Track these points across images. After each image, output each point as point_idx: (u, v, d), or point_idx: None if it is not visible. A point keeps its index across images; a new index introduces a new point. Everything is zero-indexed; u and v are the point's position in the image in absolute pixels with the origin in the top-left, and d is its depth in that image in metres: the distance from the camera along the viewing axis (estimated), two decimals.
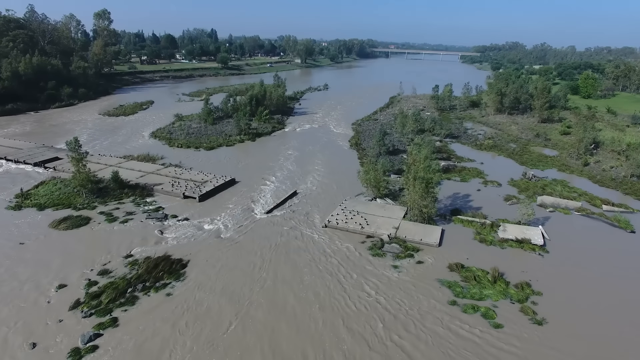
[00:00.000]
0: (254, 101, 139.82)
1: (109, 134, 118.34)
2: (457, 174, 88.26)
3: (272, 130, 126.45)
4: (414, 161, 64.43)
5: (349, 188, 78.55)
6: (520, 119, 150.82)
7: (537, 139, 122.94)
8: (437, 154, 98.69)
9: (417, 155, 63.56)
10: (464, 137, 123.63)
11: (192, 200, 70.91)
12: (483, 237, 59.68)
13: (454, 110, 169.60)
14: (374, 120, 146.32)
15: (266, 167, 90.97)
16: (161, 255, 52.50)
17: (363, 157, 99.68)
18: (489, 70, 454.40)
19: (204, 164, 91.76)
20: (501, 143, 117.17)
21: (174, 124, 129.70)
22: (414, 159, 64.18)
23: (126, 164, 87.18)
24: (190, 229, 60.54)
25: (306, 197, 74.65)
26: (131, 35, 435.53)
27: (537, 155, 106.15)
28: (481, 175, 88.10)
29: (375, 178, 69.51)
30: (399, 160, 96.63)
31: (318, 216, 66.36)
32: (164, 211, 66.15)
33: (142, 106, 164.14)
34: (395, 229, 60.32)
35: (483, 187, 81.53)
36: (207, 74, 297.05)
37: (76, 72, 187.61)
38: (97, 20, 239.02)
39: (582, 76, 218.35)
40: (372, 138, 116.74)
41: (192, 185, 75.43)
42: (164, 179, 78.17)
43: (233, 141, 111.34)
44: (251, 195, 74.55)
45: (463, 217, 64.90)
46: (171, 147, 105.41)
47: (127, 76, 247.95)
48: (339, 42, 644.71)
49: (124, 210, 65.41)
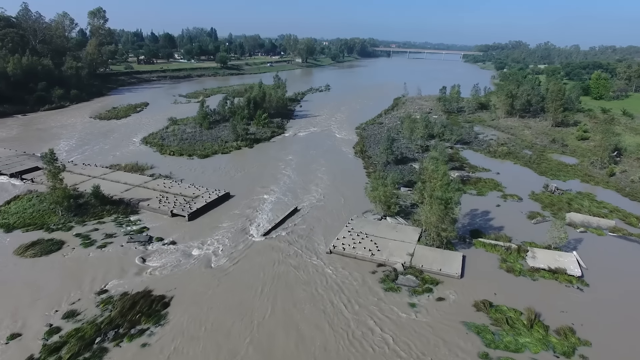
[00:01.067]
0: (252, 104, 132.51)
1: (98, 139, 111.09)
2: (473, 186, 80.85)
3: (271, 135, 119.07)
4: (430, 178, 57.09)
5: (355, 203, 71.22)
6: (532, 123, 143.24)
7: (554, 145, 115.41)
8: (449, 163, 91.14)
9: (435, 171, 56.12)
10: (476, 143, 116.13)
11: (181, 218, 63.60)
12: (510, 265, 52.30)
13: (462, 112, 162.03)
14: (379, 124, 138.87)
15: (264, 178, 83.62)
16: (141, 290, 45.20)
17: (369, 166, 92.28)
18: (492, 70, 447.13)
19: (197, 174, 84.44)
20: (516, 150, 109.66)
21: (167, 129, 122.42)
22: (431, 176, 56.82)
23: (112, 175, 79.88)
24: (176, 255, 53.23)
25: (308, 214, 67.28)
26: (129, 34, 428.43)
27: (555, 163, 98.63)
28: (499, 188, 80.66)
29: (385, 194, 62.07)
30: (408, 170, 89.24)
31: (322, 239, 59.03)
32: (149, 232, 58.85)
33: (136, 108, 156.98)
34: (410, 255, 52.97)
35: (502, 202, 74.09)
36: (206, 74, 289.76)
37: (68, 73, 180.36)
38: (92, 19, 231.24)
39: (593, 76, 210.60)
40: (377, 144, 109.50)
41: (181, 201, 68.10)
42: (151, 193, 70.85)
43: (229, 148, 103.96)
44: (247, 212, 67.22)
45: (485, 240, 57.53)
46: (163, 154, 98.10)
47: (123, 76, 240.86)
48: (340, 41, 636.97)
49: (103, 232, 58.10)
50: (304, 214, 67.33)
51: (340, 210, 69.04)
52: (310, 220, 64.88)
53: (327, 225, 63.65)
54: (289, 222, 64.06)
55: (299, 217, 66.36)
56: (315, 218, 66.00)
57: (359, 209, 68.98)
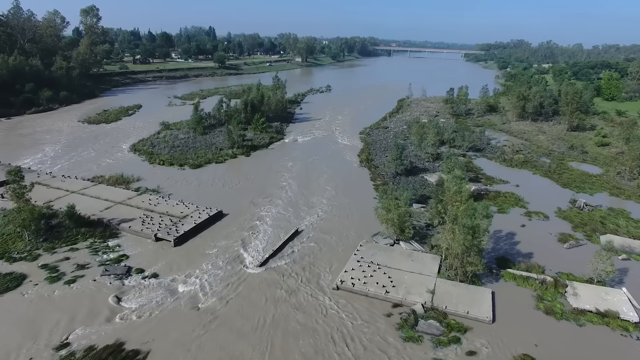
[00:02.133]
0: (249, 107, 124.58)
1: (84, 145, 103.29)
2: (492, 201, 73.03)
3: (269, 141, 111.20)
4: (451, 200, 49.40)
5: (364, 223, 63.56)
6: (546, 127, 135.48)
7: (572, 152, 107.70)
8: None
9: (458, 193, 48.39)
10: (489, 150, 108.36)
11: (166, 243, 55.86)
12: (549, 305, 44.59)
13: (470, 115, 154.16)
14: (384, 128, 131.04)
15: (262, 192, 75.85)
16: (111, 343, 37.51)
17: (376, 177, 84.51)
18: (495, 69, 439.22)
19: (187, 188, 76.68)
20: (532, 157, 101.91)
21: (159, 134, 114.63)
22: (453, 198, 49.11)
23: (92, 189, 72.07)
24: (158, 292, 45.50)
25: (311, 237, 59.54)
26: (126, 33, 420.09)
27: (578, 173, 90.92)
28: (521, 204, 72.94)
29: (400, 217, 54.32)
30: (419, 182, 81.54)
31: (327, 269, 51.35)
32: (128, 262, 51.11)
33: (128, 111, 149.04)
34: (431, 293, 45.25)
35: (527, 221, 66.33)
36: (203, 74, 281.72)
37: (58, 74, 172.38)
38: (84, 17, 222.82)
39: (604, 76, 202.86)
40: (384, 151, 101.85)
41: (167, 221, 60.32)
42: (134, 212, 63.06)
43: (224, 156, 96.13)
44: (241, 234, 59.46)
45: (515, 272, 49.82)
46: (152, 164, 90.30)
47: (118, 77, 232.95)
48: (340, 40, 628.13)
49: (74, 262, 50.34)
50: (306, 237, 59.62)
51: (347, 232, 61.37)
52: (314, 245, 57.15)
53: (333, 250, 56.01)
54: (289, 247, 56.35)
55: (301, 240, 58.66)
56: (319, 242, 58.28)
57: (367, 230, 61.33)
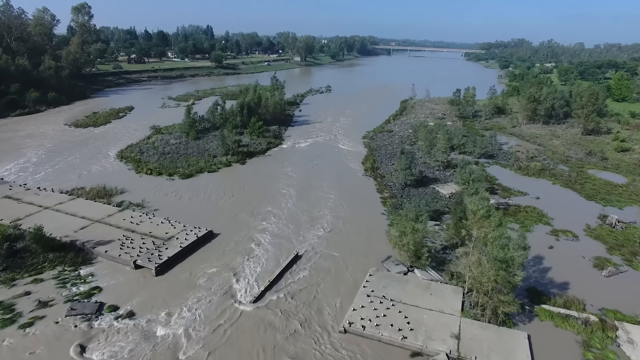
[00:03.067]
0: (245, 110, 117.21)
1: (67, 152, 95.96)
2: (513, 217, 66.02)
3: (267, 147, 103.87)
4: (477, 223, 42.26)
5: (371, 245, 56.51)
6: (559, 130, 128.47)
7: (591, 159, 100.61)
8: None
9: (486, 218, 41.22)
10: (501, 156, 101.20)
11: (147, 272, 48.66)
12: (599, 355, 37.46)
13: (477, 118, 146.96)
14: (388, 132, 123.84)
15: (257, 206, 68.64)
16: None
17: (383, 189, 77.28)
18: (497, 69, 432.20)
19: (175, 202, 69.41)
20: (549, 165, 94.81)
21: (149, 139, 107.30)
22: (479, 222, 41.96)
23: (69, 204, 64.75)
24: (132, 337, 38.30)
25: (313, 264, 52.37)
26: (122, 32, 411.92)
27: (601, 183, 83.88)
28: (545, 220, 65.88)
29: (415, 242, 47.15)
30: (430, 194, 74.38)
31: (332, 304, 44.21)
32: (100, 296, 43.91)
33: (119, 113, 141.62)
34: (456, 338, 38.14)
35: (554, 241, 59.30)
36: (200, 73, 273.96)
37: (47, 74, 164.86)
38: (76, 15, 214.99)
39: (615, 76, 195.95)
40: (390, 158, 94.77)
41: (150, 244, 53.10)
42: (113, 233, 55.81)
43: (218, 164, 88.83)
44: (233, 260, 52.27)
45: (552, 309, 42.77)
46: (138, 173, 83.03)
47: (111, 77, 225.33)
48: (340, 39, 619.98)
49: (36, 297, 43.12)
50: (307, 263, 52.48)
51: (353, 256, 54.25)
52: (316, 274, 50.00)
53: (338, 279, 48.92)
54: (288, 276, 49.19)
55: (301, 267, 51.51)
56: (322, 269, 51.14)
57: (376, 253, 54.27)
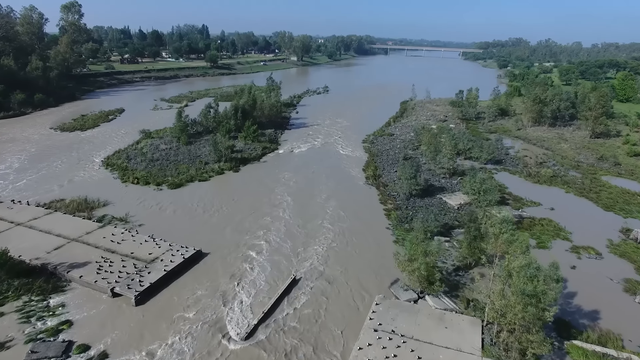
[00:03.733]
0: (239, 113, 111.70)
1: (50, 158, 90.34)
2: (528, 231, 60.93)
3: (262, 152, 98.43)
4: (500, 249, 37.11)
5: (377, 264, 51.35)
6: (566, 133, 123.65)
7: (603, 164, 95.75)
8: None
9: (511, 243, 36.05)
10: (509, 162, 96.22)
11: (125, 301, 43.25)
12: None
13: (481, 119, 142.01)
14: (389, 135, 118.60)
15: (251, 220, 63.28)
16: None
17: (387, 200, 72.02)
18: (495, 68, 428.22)
19: (162, 216, 63.96)
20: (560, 171, 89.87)
21: (137, 144, 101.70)
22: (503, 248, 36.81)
23: (45, 219, 59.17)
24: None
25: (312, 289, 47.07)
26: (116, 31, 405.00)
27: (618, 191, 78.94)
28: (562, 234, 60.87)
29: (428, 267, 41.94)
30: (437, 205, 69.21)
31: (335, 340, 38.95)
32: (69, 333, 38.49)
33: (109, 116, 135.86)
34: None
35: (576, 260, 54.27)
36: (194, 74, 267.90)
37: (34, 74, 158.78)
38: (65, 13, 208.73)
39: (618, 76, 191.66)
40: (392, 165, 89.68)
41: (131, 267, 47.67)
42: (90, 254, 50.31)
43: (209, 172, 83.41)
44: (224, 286, 46.91)
45: (586, 346, 37.64)
46: (124, 182, 77.50)
47: (103, 77, 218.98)
48: (337, 38, 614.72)
49: None
50: (306, 286, 47.21)
51: (357, 277, 49.06)
52: (316, 301, 44.71)
53: (341, 306, 43.71)
54: (285, 304, 43.90)
55: (300, 291, 46.23)
56: (323, 294, 45.90)
57: (382, 275, 49.18)
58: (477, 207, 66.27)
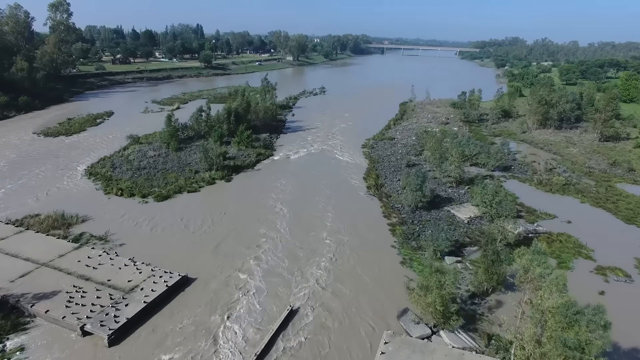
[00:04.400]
0: (232, 117, 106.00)
1: (29, 167, 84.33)
2: (546, 248, 55.64)
3: (256, 159, 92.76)
4: (531, 283, 31.84)
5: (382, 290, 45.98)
6: (574, 136, 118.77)
7: (616, 170, 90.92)
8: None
9: (543, 278, 30.76)
10: (517, 168, 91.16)
11: (97, 340, 37.66)
12: None
13: (484, 122, 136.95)
14: (390, 139, 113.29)
15: (243, 238, 57.71)
16: None
17: (391, 213, 66.62)
18: (493, 68, 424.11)
19: (145, 234, 58.28)
20: (572, 178, 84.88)
21: (124, 150, 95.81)
22: (535, 283, 31.53)
23: (14, 239, 53.35)
24: None
25: (312, 321, 41.59)
26: (108, 31, 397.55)
27: (637, 201, 73.98)
28: (584, 252, 55.75)
29: (444, 301, 36.62)
30: (445, 219, 63.89)
31: None
32: None
33: (97, 119, 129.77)
34: None
35: (603, 283, 49.11)
36: (188, 74, 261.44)
37: (19, 76, 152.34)
38: (53, 12, 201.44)
39: (622, 76, 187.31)
40: (395, 172, 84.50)
41: (106, 298, 42.03)
42: (61, 282, 44.62)
43: (200, 182, 77.76)
44: (212, 319, 41.37)
45: None
46: (107, 194, 71.68)
47: (93, 78, 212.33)
48: (333, 37, 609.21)
49: None
50: (305, 318, 41.77)
51: (362, 305, 43.67)
52: (317, 337, 39.25)
53: (346, 343, 38.28)
54: (280, 343, 38.44)
55: (298, 325, 40.75)
56: (325, 327, 40.46)
57: (389, 301, 43.89)
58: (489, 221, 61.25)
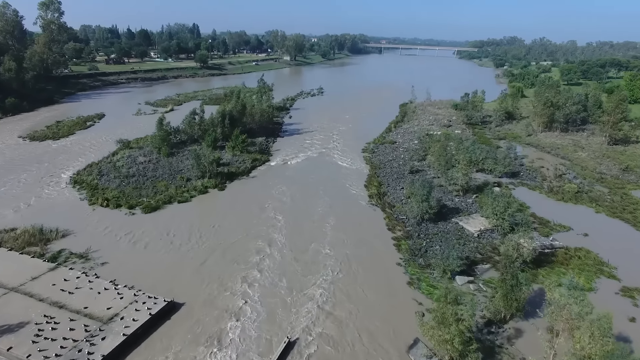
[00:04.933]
0: (227, 120, 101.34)
1: (11, 174, 79.52)
2: (564, 267, 51.54)
3: (251, 165, 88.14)
4: (566, 327, 27.53)
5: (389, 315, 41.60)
6: (582, 139, 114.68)
7: (629, 176, 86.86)
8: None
9: (581, 316, 26.47)
10: (525, 174, 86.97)
11: None
12: None
13: (487, 124, 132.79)
14: (391, 143, 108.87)
15: (236, 256, 53.20)
16: None
17: (395, 225, 62.19)
18: (492, 67, 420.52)
19: (130, 251, 53.62)
20: (584, 185, 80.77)
21: (113, 156, 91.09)
22: (570, 321, 27.23)
23: None
24: None
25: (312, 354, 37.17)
26: (103, 30, 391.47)
27: None
28: (606, 269, 51.52)
29: (461, 336, 32.25)
30: (454, 233, 59.54)
31: None
32: None
33: (86, 122, 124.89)
34: None
35: (631, 307, 44.87)
36: (183, 74, 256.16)
37: (6, 76, 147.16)
38: (44, 11, 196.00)
39: (625, 76, 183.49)
40: (397, 180, 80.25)
41: (81, 331, 37.47)
42: (31, 311, 40.01)
43: (191, 191, 73.16)
44: (200, 353, 36.86)
45: None
46: (92, 205, 67.01)
47: (86, 79, 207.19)
48: (330, 37, 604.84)
49: None
50: (305, 349, 37.33)
51: (366, 337, 39.26)
52: None
53: None
54: None
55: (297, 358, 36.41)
56: None
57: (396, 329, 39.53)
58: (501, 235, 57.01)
